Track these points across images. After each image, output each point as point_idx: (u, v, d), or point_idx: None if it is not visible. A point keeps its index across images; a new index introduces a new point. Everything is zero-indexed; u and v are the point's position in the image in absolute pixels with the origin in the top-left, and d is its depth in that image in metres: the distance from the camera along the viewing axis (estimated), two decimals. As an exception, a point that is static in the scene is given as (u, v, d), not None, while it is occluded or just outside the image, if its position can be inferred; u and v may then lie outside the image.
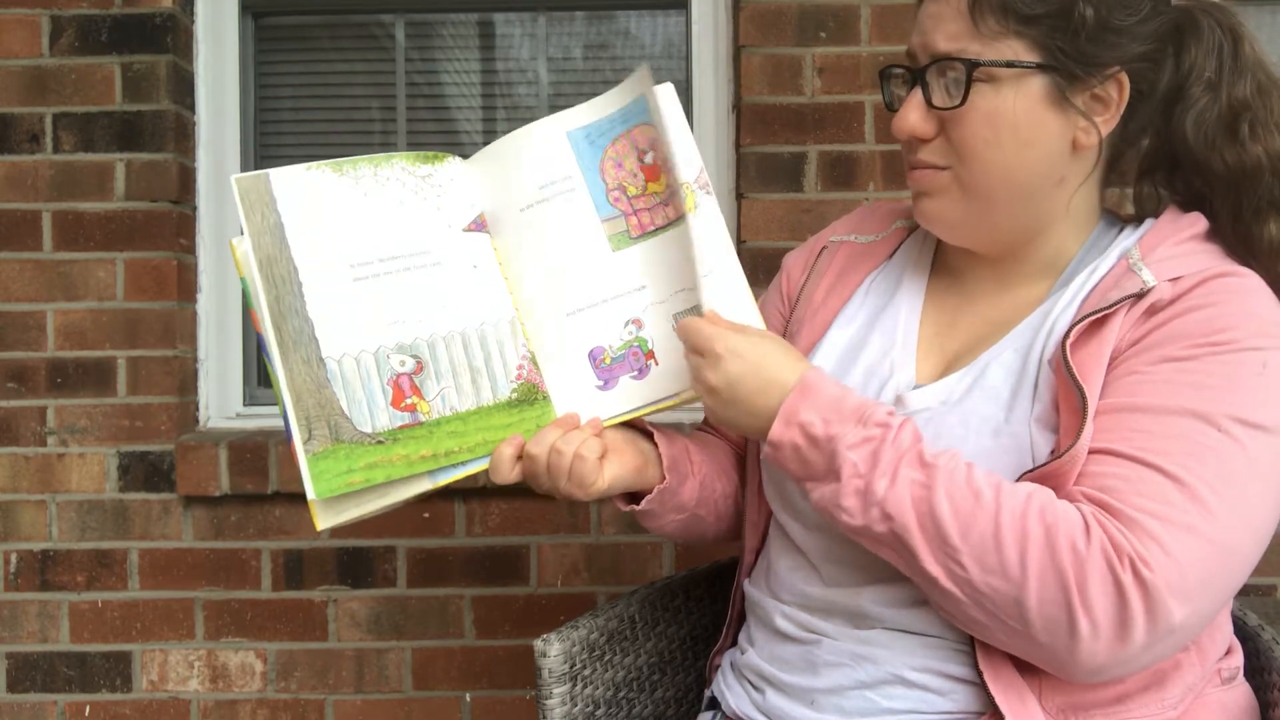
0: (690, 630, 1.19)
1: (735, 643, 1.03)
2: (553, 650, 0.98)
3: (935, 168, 0.86)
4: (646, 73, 0.91)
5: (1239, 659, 0.90)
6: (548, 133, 0.95)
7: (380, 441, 0.87)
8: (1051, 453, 0.78)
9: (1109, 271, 0.84)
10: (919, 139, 0.86)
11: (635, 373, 0.91)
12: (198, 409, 1.80)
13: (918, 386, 0.89)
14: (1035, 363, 0.82)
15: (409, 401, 0.88)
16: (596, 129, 0.94)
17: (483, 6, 1.89)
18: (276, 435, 1.72)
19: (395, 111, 1.88)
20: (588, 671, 1.02)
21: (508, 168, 0.95)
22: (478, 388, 0.90)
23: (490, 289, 0.93)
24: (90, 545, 1.72)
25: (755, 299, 0.93)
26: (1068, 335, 0.78)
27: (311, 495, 0.85)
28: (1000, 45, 0.81)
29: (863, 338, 0.95)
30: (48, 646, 1.73)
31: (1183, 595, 0.71)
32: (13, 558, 1.72)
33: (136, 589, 1.72)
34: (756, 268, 1.66)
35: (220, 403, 1.82)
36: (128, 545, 1.72)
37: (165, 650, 1.73)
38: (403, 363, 0.89)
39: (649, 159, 0.93)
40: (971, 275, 0.93)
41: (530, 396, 0.91)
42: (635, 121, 0.93)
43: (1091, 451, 0.76)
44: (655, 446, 0.95)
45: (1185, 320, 0.78)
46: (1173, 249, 0.82)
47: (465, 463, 0.89)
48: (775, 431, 0.81)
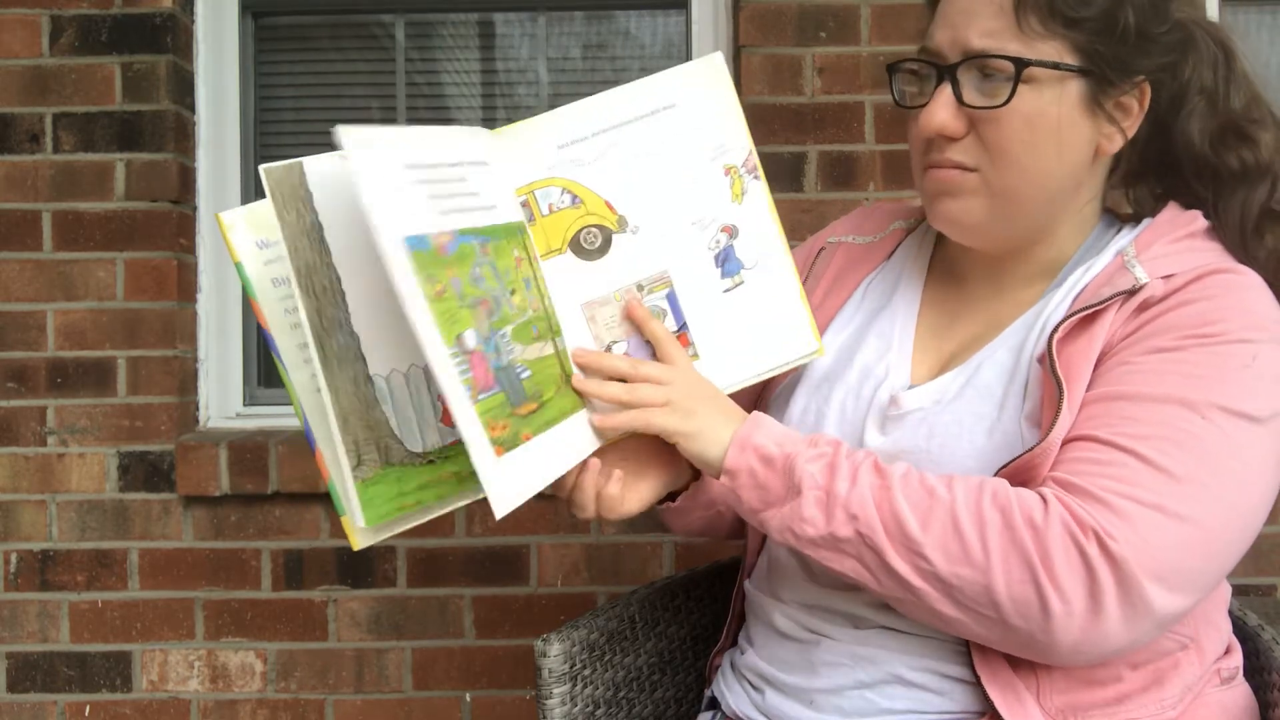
0: (690, 630, 1.20)
1: (735, 642, 1.03)
2: (553, 650, 0.98)
3: (962, 168, 0.84)
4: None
5: (1238, 659, 0.90)
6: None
7: (430, 461, 0.82)
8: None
9: (1103, 269, 0.84)
10: (947, 138, 0.84)
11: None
12: (198, 409, 1.80)
13: (912, 387, 0.89)
14: (1026, 361, 0.83)
15: None
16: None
17: (483, 6, 1.89)
18: (276, 435, 1.72)
19: (395, 111, 1.88)
20: (588, 671, 1.02)
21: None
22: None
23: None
24: (90, 545, 1.72)
25: None
26: (1055, 330, 0.79)
27: (360, 524, 0.79)
28: (1042, 46, 0.80)
29: (859, 339, 0.95)
30: (48, 646, 1.73)
31: (1156, 575, 0.71)
32: (13, 558, 1.72)
33: (136, 589, 1.72)
34: (756, 268, 1.66)
35: (220, 403, 1.82)
36: (128, 545, 1.72)
37: (165, 650, 1.73)
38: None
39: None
40: (969, 277, 0.93)
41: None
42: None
43: (1073, 439, 0.76)
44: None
45: (1177, 314, 0.78)
46: (1167, 247, 0.83)
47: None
48: (730, 458, 0.81)
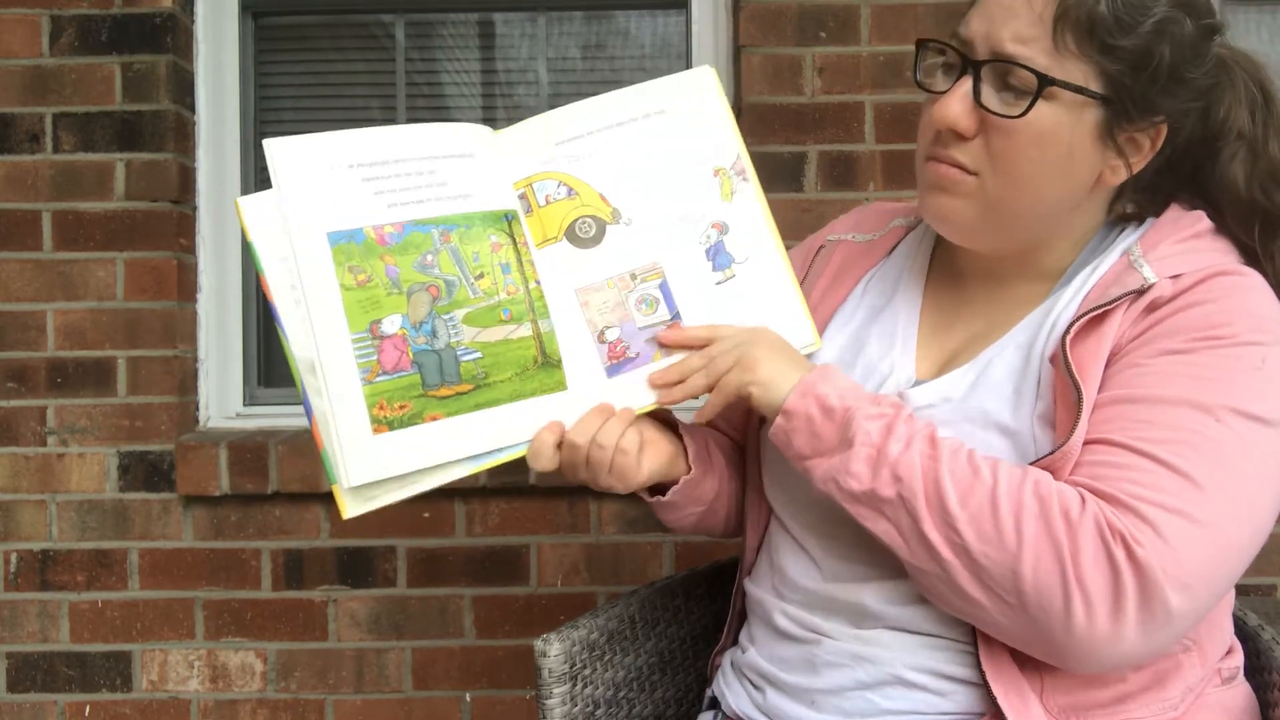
0: (690, 630, 1.19)
1: (736, 641, 1.03)
2: (553, 650, 0.98)
3: (963, 169, 0.83)
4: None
5: (1239, 659, 0.90)
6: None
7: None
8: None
9: (1110, 268, 0.84)
10: (957, 135, 0.82)
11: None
12: (198, 409, 1.80)
13: (918, 383, 0.89)
14: (1037, 360, 0.82)
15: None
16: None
17: (483, 6, 1.89)
18: (276, 435, 1.72)
19: (395, 111, 1.88)
20: (588, 671, 1.02)
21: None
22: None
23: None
24: (90, 545, 1.72)
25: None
26: (1068, 332, 0.78)
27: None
28: (1070, 66, 0.78)
29: (862, 336, 0.95)
30: (48, 646, 1.73)
31: (1179, 583, 0.71)
32: (13, 558, 1.72)
33: (136, 589, 1.72)
34: (756, 268, 1.66)
35: (220, 403, 1.82)
36: (128, 545, 1.72)
37: (165, 650, 1.73)
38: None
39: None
40: (970, 274, 0.93)
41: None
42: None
43: (1089, 442, 0.76)
44: (679, 438, 0.96)
45: (1185, 315, 0.78)
46: (1174, 246, 0.82)
47: (504, 449, 0.87)
48: (791, 401, 0.82)
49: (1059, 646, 0.74)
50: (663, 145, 0.93)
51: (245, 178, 1.83)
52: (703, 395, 0.89)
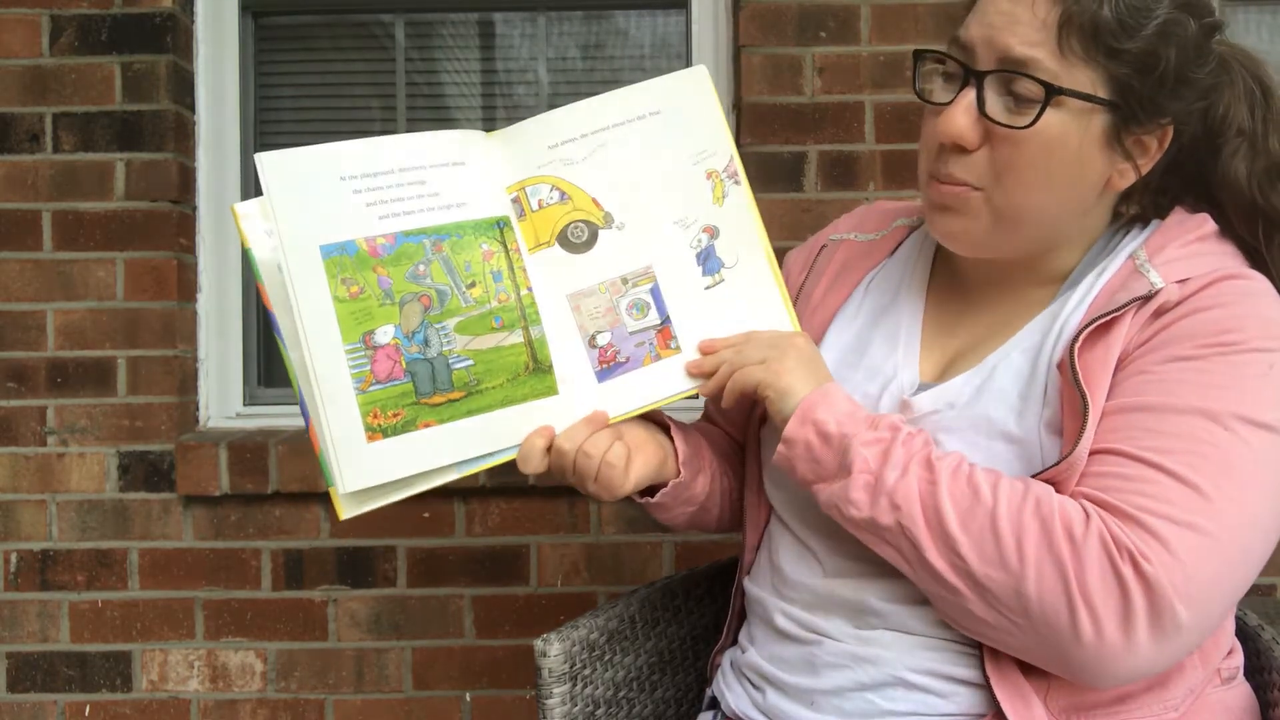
0: (690, 630, 1.19)
1: (736, 641, 1.03)
2: (553, 650, 0.98)
3: (968, 186, 0.82)
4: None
5: (1239, 659, 0.90)
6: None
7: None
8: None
9: (1116, 273, 0.84)
10: (960, 148, 0.81)
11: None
12: (198, 409, 1.80)
13: (922, 386, 0.89)
14: (1044, 366, 0.82)
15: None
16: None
17: (482, 6, 1.89)
18: (276, 435, 1.72)
19: (395, 111, 1.88)
20: (588, 671, 1.02)
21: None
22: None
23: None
24: (90, 545, 1.72)
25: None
26: (1075, 339, 0.78)
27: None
28: (1077, 72, 0.76)
29: (865, 337, 0.95)
30: (48, 646, 1.73)
31: (1189, 597, 0.70)
32: (13, 558, 1.72)
33: (136, 589, 1.72)
34: (756, 268, 1.66)
35: (220, 403, 1.82)
36: (128, 545, 1.72)
37: (165, 650, 1.73)
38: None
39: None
40: (974, 276, 0.93)
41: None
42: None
43: (1096, 452, 0.76)
44: (671, 440, 0.96)
45: (1192, 321, 0.77)
46: (1180, 250, 0.82)
47: (495, 453, 0.88)
48: (790, 428, 0.82)
49: (1072, 663, 0.74)
50: (656, 148, 0.93)
51: (245, 178, 1.82)
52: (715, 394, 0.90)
